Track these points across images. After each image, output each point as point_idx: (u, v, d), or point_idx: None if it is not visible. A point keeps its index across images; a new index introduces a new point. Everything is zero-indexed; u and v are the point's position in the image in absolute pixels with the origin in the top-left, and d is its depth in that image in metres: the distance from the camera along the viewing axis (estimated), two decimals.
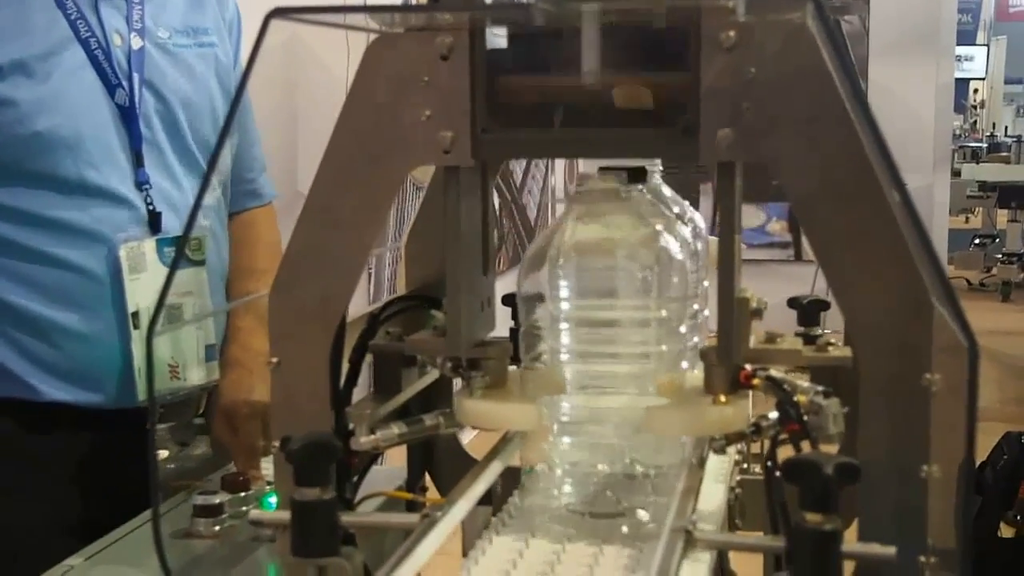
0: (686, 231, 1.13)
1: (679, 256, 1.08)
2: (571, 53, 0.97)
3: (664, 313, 1.07)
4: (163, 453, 1.58)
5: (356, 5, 0.89)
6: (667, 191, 1.22)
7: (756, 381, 0.98)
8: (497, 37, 0.98)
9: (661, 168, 1.22)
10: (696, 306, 1.13)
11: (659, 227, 1.08)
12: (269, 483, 1.44)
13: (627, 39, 0.98)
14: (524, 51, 0.99)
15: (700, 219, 1.27)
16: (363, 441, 1.02)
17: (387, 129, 0.97)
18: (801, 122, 0.90)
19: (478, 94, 0.96)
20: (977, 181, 9.43)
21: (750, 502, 1.21)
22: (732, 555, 1.16)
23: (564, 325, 1.06)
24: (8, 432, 1.50)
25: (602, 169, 1.10)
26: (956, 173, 9.01)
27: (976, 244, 9.50)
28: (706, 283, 1.21)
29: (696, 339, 1.13)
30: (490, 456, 1.10)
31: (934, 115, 6.61)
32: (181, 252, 1.37)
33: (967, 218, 10.65)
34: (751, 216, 6.25)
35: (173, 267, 0.99)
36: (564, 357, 1.07)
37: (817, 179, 0.90)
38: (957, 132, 10.43)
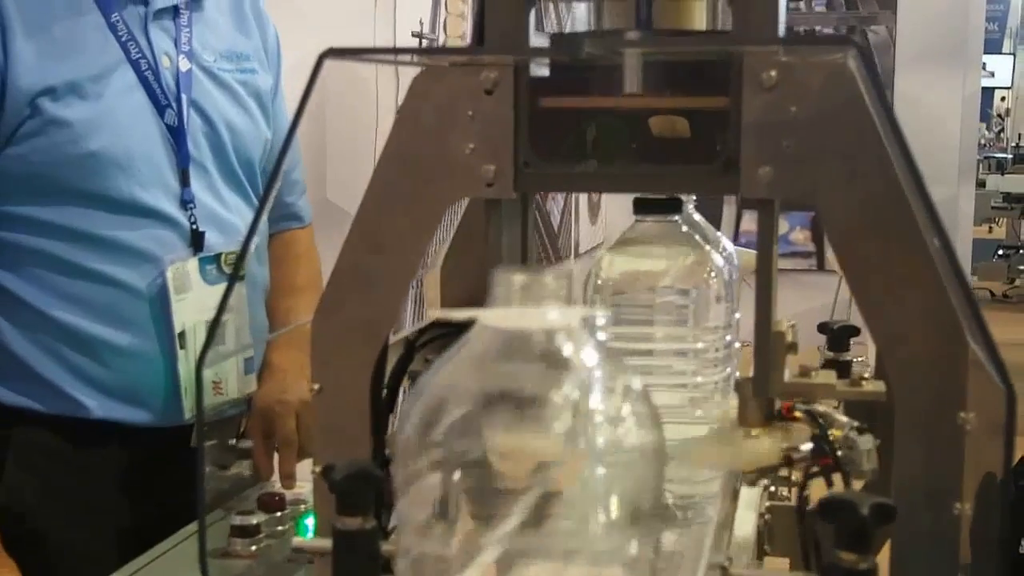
0: (719, 260, 1.15)
1: (714, 286, 1.10)
2: (613, 83, 0.98)
3: (701, 344, 1.08)
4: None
5: (406, 47, 0.91)
6: (698, 217, 1.24)
7: (798, 414, 0.99)
8: (540, 66, 0.99)
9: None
10: (729, 337, 1.15)
11: (694, 258, 1.10)
12: (304, 503, 1.46)
13: (669, 71, 0.99)
14: (566, 77, 1.00)
15: (730, 245, 1.28)
16: None
17: (432, 160, 0.98)
18: (840, 160, 0.91)
19: (521, 129, 0.97)
20: (1002, 192, 9.38)
21: (779, 528, 1.21)
22: None
23: None
24: (59, 447, 1.53)
25: (638, 200, 1.12)
26: (981, 184, 8.96)
27: (1000, 255, 9.46)
28: (738, 315, 1.22)
29: (728, 369, 1.14)
30: None
31: (960, 125, 6.59)
32: (237, 272, 1.39)
33: (991, 228, 10.60)
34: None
35: (228, 288, 1.01)
36: None
37: (856, 217, 0.91)
38: (982, 142, 10.38)
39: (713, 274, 1.13)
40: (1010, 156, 10.56)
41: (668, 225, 1.14)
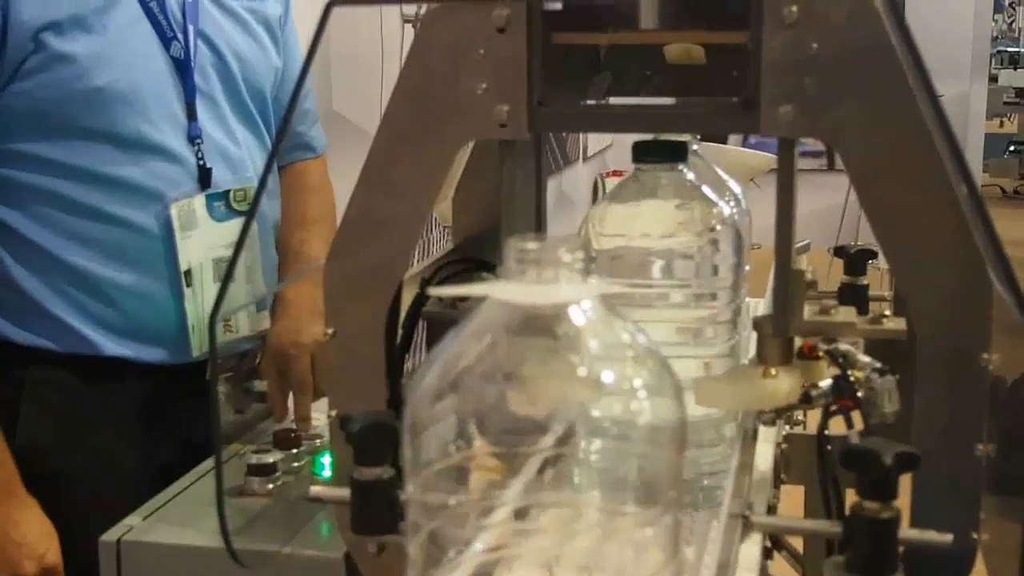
0: (727, 213, 1.10)
1: (721, 244, 1.06)
2: (628, 18, 0.96)
3: (704, 312, 1.06)
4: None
5: None
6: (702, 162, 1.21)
7: (820, 354, 0.98)
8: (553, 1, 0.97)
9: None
10: (737, 301, 1.11)
11: (700, 212, 1.06)
12: (320, 438, 1.46)
13: (686, 5, 0.96)
14: (580, 12, 0.98)
15: (738, 188, 1.26)
16: None
17: (443, 100, 0.96)
18: (863, 98, 0.89)
19: (534, 67, 0.95)
20: (1014, 87, 9.28)
21: (795, 456, 1.21)
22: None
23: None
24: (73, 385, 1.52)
25: (637, 145, 1.07)
26: (993, 79, 8.86)
27: (1011, 151, 9.40)
28: (748, 267, 1.20)
29: (736, 338, 1.11)
30: None
31: (973, 18, 6.50)
32: (255, 210, 1.37)
33: (1002, 123, 10.50)
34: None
35: (246, 227, 0.99)
36: None
37: (878, 155, 0.89)
38: (995, 34, 10.24)
39: (720, 229, 1.06)
40: (1023, 50, 10.42)
41: (671, 174, 1.07)
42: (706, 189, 1.08)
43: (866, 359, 0.98)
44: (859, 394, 0.95)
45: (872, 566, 0.79)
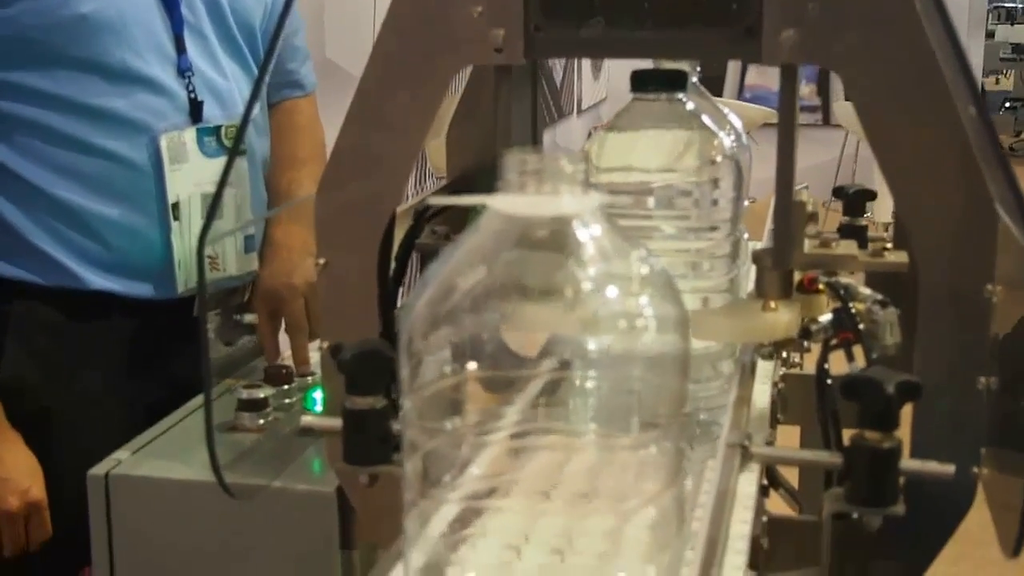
0: (728, 144, 1.07)
1: (721, 176, 1.03)
2: None
3: (702, 244, 1.04)
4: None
5: None
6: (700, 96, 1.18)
7: (820, 287, 0.97)
8: None
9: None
10: (737, 233, 1.09)
11: (699, 143, 1.04)
12: (312, 374, 1.45)
13: None
14: None
15: (738, 121, 1.24)
16: None
17: (436, 27, 0.94)
18: (867, 23, 0.87)
19: None
20: (1011, 43, 9.25)
21: (792, 396, 1.20)
22: None
23: None
24: (55, 320, 1.50)
25: (636, 74, 1.04)
26: (990, 35, 8.83)
27: (1007, 107, 9.38)
28: (747, 202, 1.18)
29: (735, 272, 1.10)
30: None
31: None
32: (237, 146, 1.35)
33: (997, 80, 10.48)
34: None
35: (229, 162, 0.97)
36: None
37: (883, 82, 0.87)
38: None
39: (720, 161, 1.03)
40: (1020, 5, 10.39)
41: (670, 104, 1.04)
42: (706, 119, 1.05)
43: (867, 291, 0.96)
44: (860, 326, 0.94)
45: (872, 496, 0.78)
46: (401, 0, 0.95)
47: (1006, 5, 10.21)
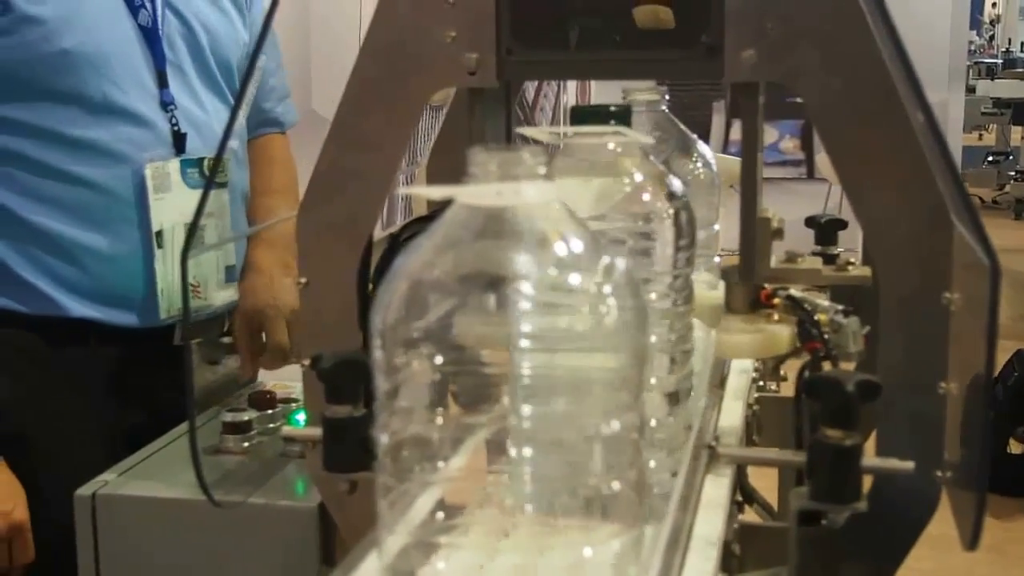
0: (675, 186, 0.91)
1: (663, 225, 0.89)
2: None
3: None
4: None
5: None
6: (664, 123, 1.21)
7: (776, 300, 0.99)
8: None
9: (667, 92, 1.21)
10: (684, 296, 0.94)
11: (639, 185, 0.89)
12: (295, 400, 1.47)
13: None
14: None
15: (707, 150, 1.26)
16: None
17: (412, 50, 0.98)
18: (824, 41, 0.90)
19: (503, 15, 0.96)
20: (992, 98, 9.34)
21: (767, 419, 1.22)
22: (751, 472, 1.18)
23: None
24: (37, 347, 1.52)
25: (575, 109, 0.91)
26: (971, 90, 8.92)
27: (990, 161, 9.44)
28: (716, 227, 1.20)
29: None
30: None
31: (950, 29, 6.53)
32: (213, 176, 1.38)
33: (980, 135, 10.57)
34: (764, 134, 6.21)
35: (205, 192, 1.00)
36: None
37: (839, 97, 0.91)
38: (972, 48, 10.32)
39: (661, 208, 0.89)
40: (1000, 61, 10.50)
41: (610, 146, 0.89)
42: (651, 161, 0.93)
43: (827, 303, 0.99)
44: (826, 336, 0.96)
45: (835, 493, 0.80)
46: (378, 25, 0.98)
47: (986, 60, 10.34)
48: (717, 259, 1.24)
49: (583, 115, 0.90)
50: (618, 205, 0.89)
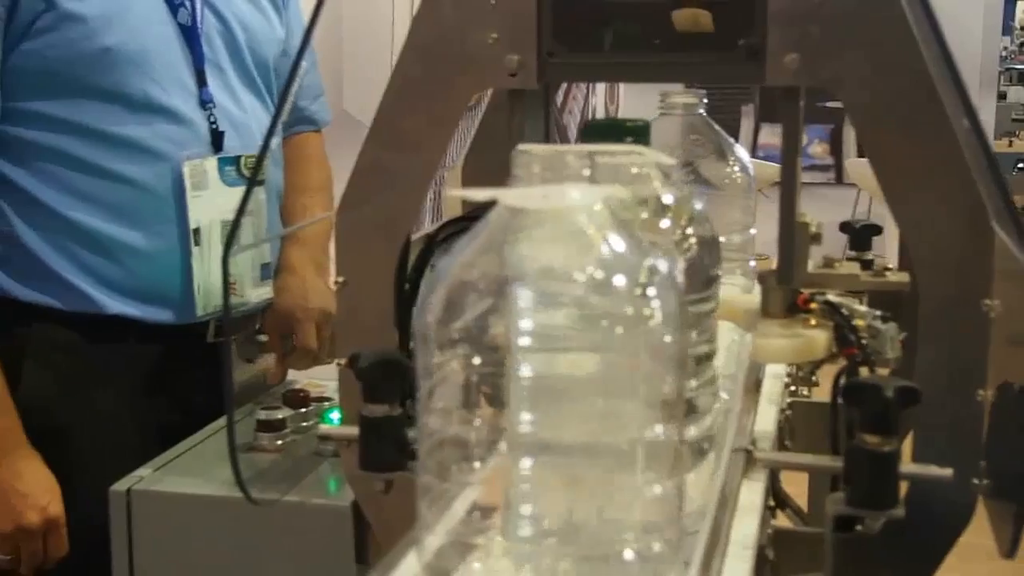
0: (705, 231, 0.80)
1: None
2: None
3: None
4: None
5: None
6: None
7: (814, 305, 0.99)
8: None
9: (705, 96, 1.21)
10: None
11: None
12: (328, 399, 1.47)
13: None
14: None
15: (744, 154, 1.26)
16: None
17: (453, 51, 0.98)
18: (867, 45, 0.90)
19: (544, 17, 0.96)
20: (1023, 104, 9.27)
21: (800, 424, 1.22)
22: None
23: None
24: (74, 343, 1.53)
25: (588, 125, 0.85)
26: (1002, 96, 8.86)
27: (1020, 169, 9.37)
28: (753, 231, 1.20)
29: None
30: None
31: (981, 35, 6.51)
32: (256, 174, 1.39)
33: (1011, 142, 10.47)
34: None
35: (248, 190, 1.01)
36: None
37: (881, 102, 0.91)
38: (1004, 54, 10.24)
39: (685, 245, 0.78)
40: None
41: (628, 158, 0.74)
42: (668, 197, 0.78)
43: (864, 308, 0.99)
44: (864, 341, 0.96)
45: (872, 499, 0.79)
46: (420, 25, 0.99)
47: (1018, 67, 10.26)
48: (752, 263, 1.24)
49: (596, 131, 0.83)
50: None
